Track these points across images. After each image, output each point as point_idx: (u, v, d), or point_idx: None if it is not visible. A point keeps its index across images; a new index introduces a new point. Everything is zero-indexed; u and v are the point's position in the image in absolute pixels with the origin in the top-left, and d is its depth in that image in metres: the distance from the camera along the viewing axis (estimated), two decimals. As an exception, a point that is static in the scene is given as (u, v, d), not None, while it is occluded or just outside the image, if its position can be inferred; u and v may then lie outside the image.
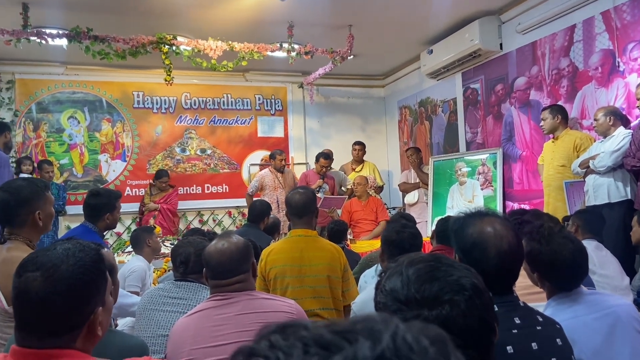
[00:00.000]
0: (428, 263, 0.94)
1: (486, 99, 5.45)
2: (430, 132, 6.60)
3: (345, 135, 7.46)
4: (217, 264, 1.78)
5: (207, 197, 6.77)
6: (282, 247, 2.60)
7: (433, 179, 5.87)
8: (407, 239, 2.23)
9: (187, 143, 6.78)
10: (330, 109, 7.52)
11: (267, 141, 7.12)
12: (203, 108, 6.86)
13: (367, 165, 6.65)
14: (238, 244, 1.81)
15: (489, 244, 1.38)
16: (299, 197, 2.60)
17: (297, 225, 2.61)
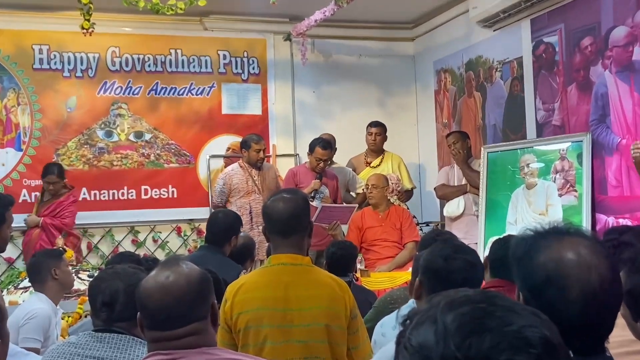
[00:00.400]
0: (476, 306, 0.92)
1: (567, 60, 5.45)
2: (482, 109, 6.61)
3: (355, 112, 7.48)
4: (158, 307, 1.78)
5: (144, 205, 6.78)
6: (258, 281, 2.61)
7: (486, 180, 5.87)
8: (461, 270, 2.24)
9: (114, 123, 6.78)
10: (332, 73, 7.53)
11: (236, 121, 7.13)
12: (139, 71, 6.86)
13: (389, 158, 6.69)
14: (190, 277, 1.81)
15: (570, 278, 1.38)
16: (284, 205, 2.62)
17: (281, 248, 2.62)
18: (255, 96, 7.23)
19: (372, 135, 6.61)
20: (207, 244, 4.12)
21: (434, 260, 2.27)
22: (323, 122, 7.37)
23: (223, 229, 4.04)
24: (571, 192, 5.24)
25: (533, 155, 5.59)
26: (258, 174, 6.17)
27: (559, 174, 5.34)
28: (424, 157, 7.61)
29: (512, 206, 5.66)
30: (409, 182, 6.67)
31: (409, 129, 7.62)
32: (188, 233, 6.92)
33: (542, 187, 5.46)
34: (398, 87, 7.74)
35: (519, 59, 6.03)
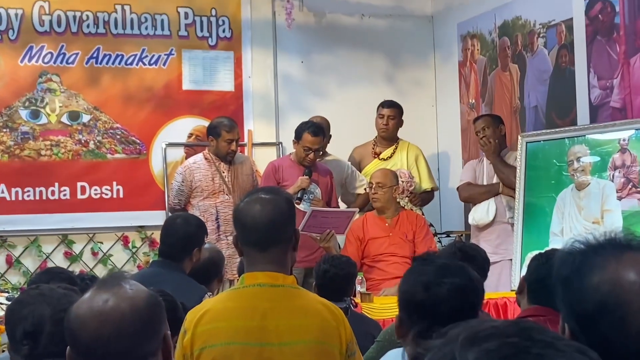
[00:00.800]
0: (506, 341, 0.93)
1: (631, 23, 5.45)
2: (520, 87, 6.61)
3: (355, 90, 7.46)
4: (93, 340, 1.77)
5: (80, 208, 6.76)
6: (227, 307, 2.61)
7: (525, 179, 5.88)
8: (448, 298, 2.24)
9: (42, 101, 6.76)
10: (325, 38, 7.53)
11: (201, 99, 7.13)
12: (75, 33, 6.83)
13: (403, 148, 6.72)
14: (135, 302, 1.80)
15: (631, 305, 1.39)
16: (262, 209, 2.63)
17: (258, 264, 2.63)
18: (225, 67, 7.22)
19: (384, 118, 6.62)
20: (161, 259, 4.10)
21: (412, 291, 2.28)
22: (314, 101, 7.36)
23: (182, 239, 4.01)
24: (634, 194, 5.24)
25: (585, 147, 5.59)
26: (228, 168, 6.17)
27: (619, 171, 5.34)
28: (444, 147, 7.62)
29: (558, 212, 5.65)
30: (429, 181, 6.68)
31: (426, 112, 7.62)
32: (137, 244, 6.90)
33: (596, 187, 5.46)
34: (411, 57, 7.72)
35: (568, 22, 6.02)
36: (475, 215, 6.12)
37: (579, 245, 1.50)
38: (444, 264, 2.38)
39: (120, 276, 1.91)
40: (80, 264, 6.73)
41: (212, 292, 4.02)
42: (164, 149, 6.98)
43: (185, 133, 7.07)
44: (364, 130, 6.95)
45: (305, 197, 5.82)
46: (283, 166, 6.06)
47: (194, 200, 6.11)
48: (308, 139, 5.84)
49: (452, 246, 4.03)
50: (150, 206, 6.87)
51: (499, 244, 5.92)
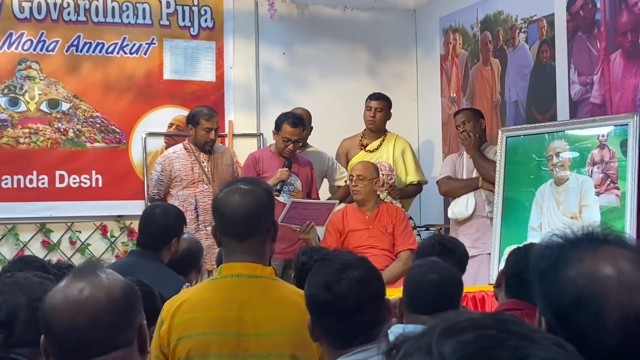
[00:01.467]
0: (482, 332, 0.92)
1: (611, 20, 5.47)
2: (501, 81, 6.63)
3: (337, 82, 7.47)
4: (67, 329, 1.76)
5: (59, 197, 6.74)
6: (205, 297, 2.61)
7: (504, 173, 5.90)
8: (351, 293, 2.27)
9: (21, 88, 6.72)
10: (308, 30, 7.52)
11: (181, 89, 7.11)
12: (55, 20, 6.80)
13: (390, 141, 6.73)
14: (111, 291, 1.80)
15: (607, 299, 1.39)
16: (241, 199, 2.63)
17: (236, 254, 2.63)
18: (207, 57, 7.19)
19: (372, 110, 6.63)
20: (139, 248, 4.10)
21: (315, 293, 2.31)
22: (295, 93, 7.35)
23: (160, 229, 4.01)
24: (612, 189, 5.27)
25: (564, 142, 5.61)
26: (208, 158, 6.16)
27: (597, 167, 5.37)
28: (425, 141, 7.63)
29: (537, 207, 5.67)
30: (415, 175, 6.67)
31: (407, 105, 7.63)
32: (116, 233, 6.88)
33: (574, 182, 5.48)
34: (394, 51, 7.73)
35: (550, 17, 6.04)
36: (454, 209, 6.13)
37: (556, 239, 1.50)
38: (342, 260, 2.39)
39: (96, 265, 1.90)
40: (58, 252, 6.71)
41: (191, 282, 4.02)
42: (144, 138, 6.96)
43: (166, 123, 7.05)
44: (346, 123, 6.96)
45: (285, 189, 5.83)
46: (263, 157, 6.05)
47: (173, 190, 6.10)
48: (287, 130, 5.84)
49: (431, 239, 4.04)
50: (129, 196, 6.85)
51: (478, 237, 5.93)
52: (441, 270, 2.97)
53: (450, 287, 2.95)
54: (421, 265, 3.05)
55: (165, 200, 6.03)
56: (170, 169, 6.10)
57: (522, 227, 5.71)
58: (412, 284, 2.97)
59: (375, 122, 6.63)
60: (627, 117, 5.23)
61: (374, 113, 6.61)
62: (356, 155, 6.60)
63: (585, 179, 5.43)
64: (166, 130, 7.05)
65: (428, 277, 2.93)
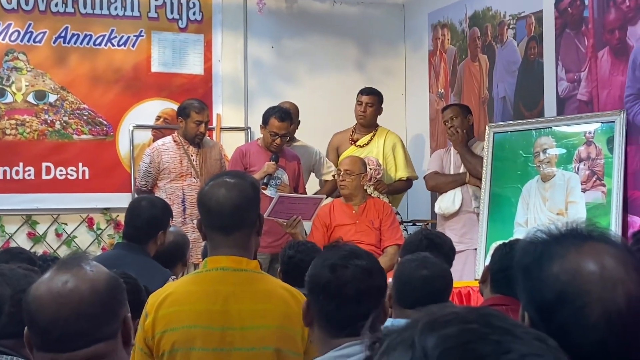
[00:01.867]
0: (465, 327, 0.92)
1: (599, 17, 5.48)
2: (489, 77, 6.64)
3: (326, 76, 7.47)
4: (51, 321, 1.76)
5: (45, 189, 6.72)
6: (190, 290, 2.61)
7: (491, 169, 5.91)
8: (354, 279, 2.29)
9: (8, 79, 6.70)
10: (297, 24, 7.51)
11: (169, 82, 7.10)
12: (43, 11, 6.77)
13: (381, 135, 6.73)
14: (96, 283, 1.79)
15: (590, 295, 1.39)
16: (227, 193, 2.63)
17: (221, 247, 2.63)
18: (195, 50, 7.18)
19: (362, 105, 6.62)
20: (125, 241, 4.09)
21: (319, 273, 2.31)
22: (284, 87, 7.35)
23: (147, 222, 4.00)
24: (598, 186, 5.30)
25: (551, 139, 5.63)
26: (197, 152, 6.15)
27: (584, 163, 5.39)
28: (412, 136, 7.64)
29: (523, 203, 5.70)
30: (405, 170, 6.65)
31: (395, 100, 7.63)
32: (102, 226, 6.86)
33: (561, 179, 5.51)
34: (382, 46, 7.74)
35: (538, 14, 6.05)
36: (441, 204, 6.15)
37: (540, 234, 1.51)
38: (351, 248, 2.41)
39: (81, 257, 1.90)
40: (43, 244, 6.69)
41: (177, 275, 4.01)
42: (131, 131, 6.94)
43: (153, 115, 7.04)
44: (334, 117, 6.97)
45: (272, 183, 5.82)
46: (250, 151, 6.04)
47: (160, 183, 6.09)
48: (275, 124, 5.83)
49: (418, 234, 4.04)
50: (116, 188, 6.83)
51: (464, 233, 5.96)
52: (432, 266, 2.98)
53: (441, 283, 2.96)
54: (412, 260, 3.05)
55: (153, 192, 6.02)
56: (159, 161, 6.09)
57: (509, 223, 5.74)
58: (402, 279, 2.97)
59: (366, 117, 6.63)
60: (614, 114, 5.26)
61: (365, 108, 6.60)
62: (347, 150, 6.60)
63: (572, 175, 5.45)
64: (154, 123, 7.03)
65: (419, 272, 2.94)
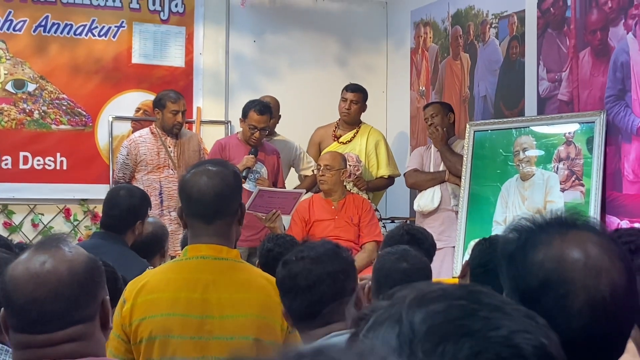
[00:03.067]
0: (454, 303, 0.93)
1: (581, 18, 5.52)
2: (471, 76, 6.66)
3: (308, 72, 7.48)
4: (28, 302, 1.76)
5: (22, 178, 6.69)
6: (169, 278, 2.62)
7: (471, 167, 5.93)
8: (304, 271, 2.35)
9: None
10: (279, 18, 7.51)
11: (150, 74, 7.07)
12: (23, 0, 6.72)
13: (364, 133, 6.72)
14: (74, 264, 1.79)
15: (574, 283, 1.40)
16: (209, 180, 2.63)
17: (201, 236, 2.64)
18: (177, 43, 7.16)
19: (347, 102, 6.60)
20: (103, 230, 4.08)
21: (278, 271, 2.42)
22: (265, 81, 7.34)
23: (125, 211, 4.00)
24: (577, 186, 5.33)
25: (531, 138, 5.66)
26: (175, 143, 6.14)
27: (563, 163, 5.42)
28: (393, 133, 7.65)
29: (502, 201, 5.72)
30: (387, 168, 6.64)
31: (376, 97, 7.63)
32: (79, 217, 6.84)
33: (540, 178, 5.53)
34: (364, 42, 7.75)
35: (521, 14, 6.08)
36: (420, 201, 6.16)
37: (525, 222, 1.51)
38: (309, 244, 2.51)
39: (60, 239, 1.89)
40: (19, 234, 6.66)
41: (154, 266, 4.00)
42: (110, 122, 6.91)
43: (133, 107, 7.01)
44: (315, 112, 6.98)
45: (251, 176, 5.82)
46: (230, 144, 6.04)
47: (138, 175, 6.08)
48: (254, 117, 5.82)
49: (400, 228, 4.05)
50: (94, 179, 6.81)
51: (443, 230, 5.97)
52: (412, 259, 2.99)
53: (421, 276, 2.97)
54: (392, 253, 3.06)
55: (130, 184, 6.00)
56: (136, 153, 6.07)
57: (487, 221, 5.76)
58: (382, 272, 2.98)
59: (350, 114, 6.61)
60: (594, 115, 5.29)
61: (349, 105, 6.59)
62: (329, 147, 6.59)
63: (551, 175, 5.48)
64: (133, 115, 7.01)
65: (399, 265, 2.95)
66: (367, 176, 6.55)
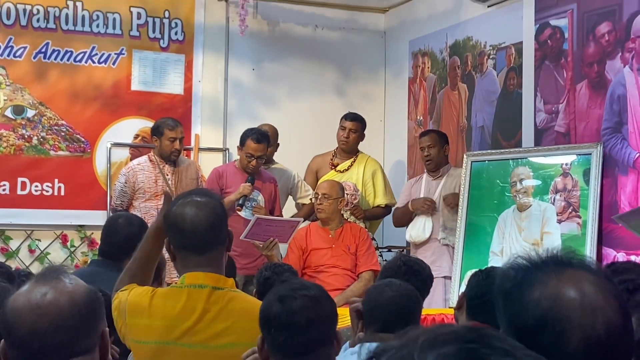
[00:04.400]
0: (465, 346, 0.93)
1: (579, 50, 5.54)
2: (468, 106, 6.68)
3: (306, 100, 7.50)
4: (29, 333, 1.74)
5: (19, 204, 6.68)
6: (163, 305, 2.62)
7: (468, 197, 5.93)
8: (303, 309, 2.34)
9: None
10: (278, 47, 7.54)
11: (149, 101, 7.09)
12: (24, 26, 6.75)
13: (362, 162, 6.71)
14: (75, 296, 1.79)
15: (570, 322, 1.41)
16: (199, 212, 2.64)
17: (194, 267, 2.64)
18: (176, 70, 7.18)
19: (346, 130, 6.59)
20: (101, 258, 4.06)
21: (269, 306, 2.38)
22: (263, 109, 7.35)
23: (123, 239, 3.98)
24: (573, 217, 5.32)
25: (528, 169, 5.66)
26: (173, 171, 6.14)
27: (560, 194, 5.42)
28: (390, 162, 7.65)
29: (499, 232, 5.71)
30: (384, 197, 6.62)
31: (374, 126, 7.64)
32: (76, 243, 6.82)
33: (537, 209, 5.53)
34: (362, 71, 7.77)
35: (518, 45, 6.11)
36: (412, 232, 6.13)
37: (521, 261, 1.52)
38: (300, 281, 2.55)
39: (60, 270, 1.89)
40: (16, 260, 6.62)
41: (151, 293, 3.99)
42: (109, 148, 6.91)
43: (132, 134, 7.02)
44: (313, 140, 6.99)
45: (248, 204, 5.81)
46: (227, 172, 6.04)
47: (135, 202, 6.08)
48: (251, 146, 5.82)
49: (397, 260, 4.04)
50: (91, 206, 6.79)
51: (434, 260, 5.91)
52: (396, 287, 3.03)
53: (406, 302, 2.99)
54: (377, 285, 3.13)
55: (128, 211, 5.99)
56: (134, 181, 6.07)
57: (484, 252, 5.74)
58: (369, 303, 3.01)
59: (349, 143, 6.61)
60: (591, 147, 5.30)
61: (348, 134, 6.59)
62: (326, 175, 6.58)
63: (548, 206, 5.48)
64: (132, 142, 7.01)
65: (384, 294, 2.99)
66: (364, 205, 6.55)
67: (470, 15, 6.62)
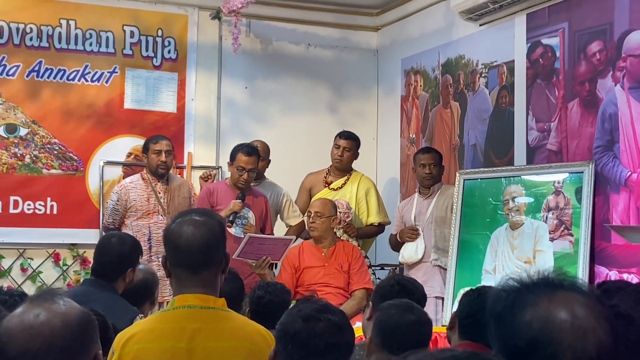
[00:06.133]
0: None
1: (570, 69, 5.57)
2: (461, 125, 6.70)
3: (299, 118, 7.53)
4: (21, 354, 1.75)
5: (11, 222, 6.67)
6: (156, 329, 2.60)
7: (461, 216, 5.94)
8: (325, 333, 2.36)
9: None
10: (271, 65, 7.56)
11: (142, 119, 7.09)
12: (17, 45, 6.76)
13: (355, 180, 6.70)
14: (68, 317, 1.79)
15: (561, 344, 1.42)
16: (196, 231, 2.63)
17: (188, 286, 2.63)
18: (169, 88, 7.19)
19: (340, 149, 6.58)
20: (93, 277, 4.04)
21: (291, 322, 2.39)
22: (256, 127, 7.37)
23: (116, 259, 3.97)
24: (566, 236, 5.33)
25: (521, 187, 5.67)
26: (165, 189, 6.13)
27: (552, 213, 5.42)
28: (383, 180, 7.66)
29: (491, 250, 5.71)
30: (378, 216, 6.61)
31: (367, 144, 7.64)
32: (69, 262, 6.80)
33: (529, 227, 5.53)
34: (355, 89, 7.80)
35: (510, 64, 6.13)
36: (404, 253, 6.12)
37: (512, 282, 1.52)
38: (325, 304, 2.50)
39: (54, 292, 1.89)
40: (8, 279, 6.61)
41: (144, 314, 3.97)
42: (101, 167, 6.91)
43: (125, 152, 7.02)
44: (305, 158, 7.01)
45: (238, 222, 5.78)
46: (218, 190, 6.02)
47: (127, 220, 6.07)
48: (242, 159, 5.80)
49: (391, 279, 4.03)
50: (84, 224, 6.78)
51: (426, 280, 5.87)
52: (418, 312, 3.04)
53: (427, 329, 3.01)
54: (396, 305, 3.08)
55: (120, 230, 5.98)
56: (126, 199, 6.07)
57: (477, 270, 5.74)
58: (389, 324, 2.98)
59: (342, 162, 6.61)
60: (583, 165, 5.31)
61: (342, 152, 6.58)
62: (319, 193, 6.57)
63: (540, 224, 5.48)
64: (124, 160, 7.01)
65: (407, 317, 2.97)
66: (358, 223, 6.54)
67: (462, 33, 6.65)
